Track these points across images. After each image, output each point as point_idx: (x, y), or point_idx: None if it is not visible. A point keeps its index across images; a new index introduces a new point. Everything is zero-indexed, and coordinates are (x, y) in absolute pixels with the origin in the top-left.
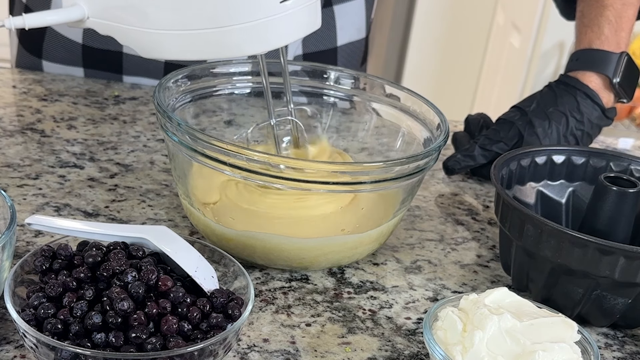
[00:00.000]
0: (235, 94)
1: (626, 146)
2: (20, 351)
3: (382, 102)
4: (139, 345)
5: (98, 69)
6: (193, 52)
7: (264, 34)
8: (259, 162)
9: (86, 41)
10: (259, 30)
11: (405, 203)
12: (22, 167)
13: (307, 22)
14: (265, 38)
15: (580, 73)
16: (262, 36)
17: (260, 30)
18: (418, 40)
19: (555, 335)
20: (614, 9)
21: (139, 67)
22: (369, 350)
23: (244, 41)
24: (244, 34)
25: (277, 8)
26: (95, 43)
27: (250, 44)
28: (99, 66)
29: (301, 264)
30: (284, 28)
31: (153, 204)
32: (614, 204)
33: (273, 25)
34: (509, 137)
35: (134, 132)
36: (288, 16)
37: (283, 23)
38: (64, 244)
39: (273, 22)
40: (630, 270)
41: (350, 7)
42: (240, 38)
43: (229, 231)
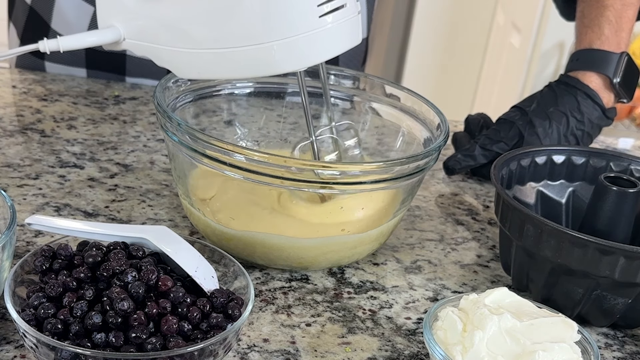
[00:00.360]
0: (235, 94)
1: (626, 146)
2: (20, 351)
3: (382, 102)
4: (139, 345)
5: (101, 70)
6: (231, 70)
7: (302, 49)
8: (259, 162)
9: None
10: (297, 46)
11: (405, 203)
12: (22, 167)
13: (348, 37)
14: (304, 54)
15: (580, 73)
16: (300, 52)
17: (299, 46)
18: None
19: (555, 335)
20: (614, 9)
21: (142, 69)
22: (369, 350)
23: (282, 57)
24: (282, 50)
25: (316, 23)
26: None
27: (289, 61)
28: (101, 67)
29: (301, 264)
30: (323, 43)
31: (153, 204)
32: (614, 204)
33: (312, 41)
34: (510, 137)
35: (134, 132)
36: (327, 31)
37: (322, 38)
38: (64, 244)
39: (312, 37)
40: (630, 270)
41: None
42: (278, 54)
43: (229, 231)
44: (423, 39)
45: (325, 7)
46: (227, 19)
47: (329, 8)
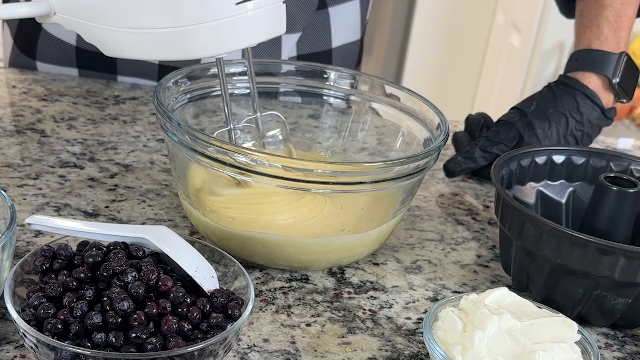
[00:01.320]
0: (235, 94)
1: (626, 146)
2: (20, 351)
3: (382, 102)
4: (139, 345)
5: (92, 69)
6: (150, 52)
7: (220, 36)
8: (260, 162)
9: (80, 43)
10: (214, 32)
11: (405, 203)
12: (22, 167)
13: (269, 26)
14: (222, 41)
15: (579, 74)
16: (218, 38)
17: (216, 32)
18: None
19: (555, 335)
20: (613, 8)
21: (134, 69)
22: (369, 350)
23: (200, 43)
24: (199, 35)
25: (233, 9)
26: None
27: (206, 46)
28: (93, 67)
29: (301, 264)
30: (241, 30)
31: (153, 204)
32: (614, 204)
33: (229, 27)
34: (509, 138)
35: (134, 132)
36: (246, 18)
37: (240, 25)
38: (64, 244)
39: (228, 24)
40: (630, 270)
41: (345, 9)
42: (196, 39)
43: (229, 231)
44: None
45: None
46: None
47: None
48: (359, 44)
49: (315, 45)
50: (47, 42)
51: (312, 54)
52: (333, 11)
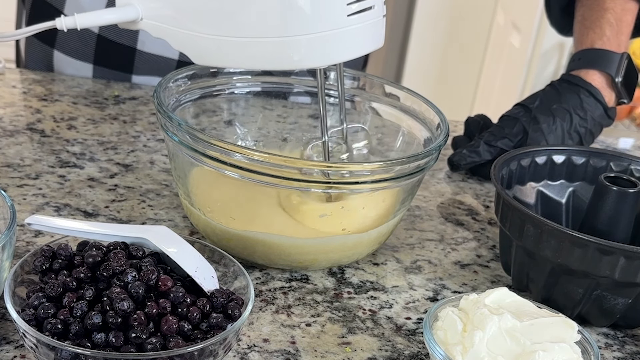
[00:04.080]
0: (235, 94)
1: (626, 146)
2: (20, 351)
3: (382, 101)
4: (139, 345)
5: (108, 65)
6: (250, 61)
7: (326, 47)
8: (260, 162)
9: (102, 31)
10: (321, 43)
11: (405, 203)
12: (22, 167)
13: (371, 39)
14: (327, 52)
15: (583, 71)
16: (324, 49)
17: (324, 43)
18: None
19: (555, 335)
20: (614, 12)
21: (151, 66)
22: (369, 350)
23: (305, 53)
24: (306, 45)
25: (344, 21)
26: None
27: (310, 57)
28: (108, 63)
29: (301, 263)
30: (347, 43)
31: (153, 204)
32: (614, 204)
33: (337, 39)
34: (514, 133)
35: (134, 132)
36: (353, 31)
37: (347, 37)
38: (64, 244)
39: (337, 35)
40: (630, 270)
41: None
42: (302, 50)
43: (229, 231)
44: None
45: (354, 6)
46: (253, 8)
47: (357, 8)
48: None
49: None
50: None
51: None
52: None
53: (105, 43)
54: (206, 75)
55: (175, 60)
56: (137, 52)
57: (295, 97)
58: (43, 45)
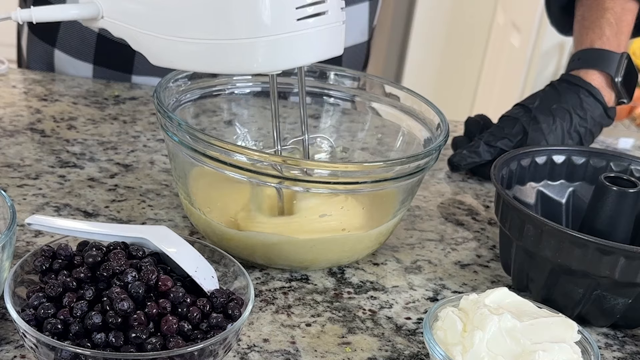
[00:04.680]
0: (235, 94)
1: (626, 146)
2: (20, 351)
3: (382, 101)
4: (139, 345)
5: (108, 66)
6: (202, 64)
7: (276, 52)
8: (260, 162)
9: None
10: (270, 48)
11: (405, 203)
12: (22, 167)
13: (327, 45)
14: (277, 57)
15: (582, 71)
16: (273, 54)
17: (272, 47)
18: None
19: (555, 335)
20: (614, 12)
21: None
22: (369, 350)
23: (254, 58)
24: (255, 50)
25: (294, 25)
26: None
27: (261, 62)
28: (109, 63)
29: (301, 263)
30: (300, 48)
31: (153, 204)
32: (614, 204)
33: (287, 44)
34: (513, 133)
35: (134, 132)
36: (306, 36)
37: (298, 43)
38: (64, 244)
39: (286, 40)
40: (630, 270)
41: (356, 11)
42: (251, 54)
43: (229, 231)
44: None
45: (303, 10)
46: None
47: (308, 12)
48: (367, 46)
49: None
50: (70, 28)
51: None
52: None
53: (105, 42)
54: (206, 75)
55: None
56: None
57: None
58: (44, 44)
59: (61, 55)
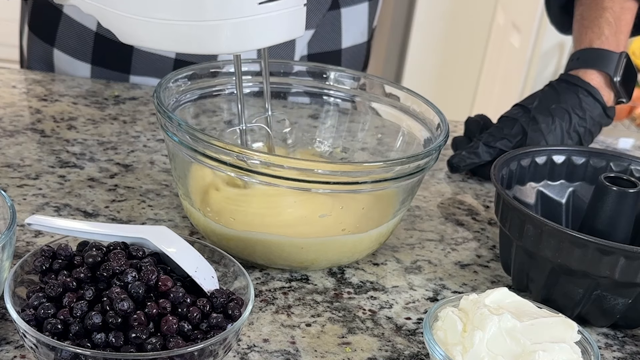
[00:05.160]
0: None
1: (626, 146)
2: (20, 351)
3: (382, 102)
4: (139, 346)
5: (106, 66)
6: (167, 44)
7: (239, 34)
8: (260, 162)
9: (100, 29)
10: (233, 30)
11: (405, 203)
12: (22, 167)
13: (287, 28)
14: (241, 39)
15: (581, 71)
16: (237, 36)
17: (235, 30)
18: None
19: (555, 335)
20: (613, 11)
21: (148, 66)
22: (369, 350)
23: (219, 39)
24: (219, 31)
25: (255, 9)
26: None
27: (226, 43)
28: (107, 62)
29: (301, 263)
30: (261, 30)
31: (153, 204)
32: (614, 204)
33: (249, 27)
34: (513, 134)
35: (134, 132)
36: (268, 18)
37: (260, 25)
38: (64, 244)
39: (249, 23)
40: (630, 271)
41: (356, 11)
42: (216, 35)
43: (229, 231)
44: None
45: None
46: None
47: None
48: (366, 46)
49: (325, 45)
50: (68, 27)
51: (322, 53)
52: (345, 12)
53: (103, 41)
54: (206, 75)
55: (173, 58)
56: (135, 50)
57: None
58: (44, 44)
59: (60, 54)
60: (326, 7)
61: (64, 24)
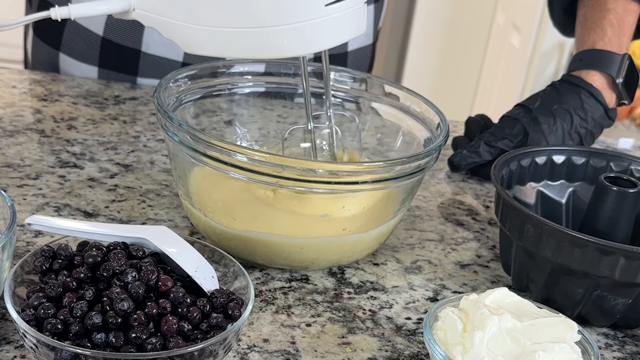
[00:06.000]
0: (235, 94)
1: (626, 146)
2: (20, 351)
3: (382, 101)
4: (139, 346)
5: (113, 69)
6: (235, 50)
7: (307, 36)
8: (261, 162)
9: (106, 34)
10: (302, 32)
11: (405, 203)
12: (22, 167)
13: (351, 26)
14: (308, 40)
15: (584, 72)
16: (304, 38)
17: (304, 32)
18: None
19: (555, 335)
20: (616, 12)
21: (156, 68)
22: (369, 350)
23: (286, 42)
24: (287, 35)
25: (322, 11)
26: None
27: (293, 46)
28: (114, 66)
29: (302, 263)
30: (327, 31)
31: (153, 204)
32: (614, 204)
33: (317, 28)
34: (514, 133)
35: (134, 132)
36: (333, 20)
37: (327, 26)
38: (64, 244)
39: (317, 24)
40: (630, 271)
41: None
42: (283, 39)
43: (229, 231)
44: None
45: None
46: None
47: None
48: (372, 48)
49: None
50: (74, 32)
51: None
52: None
53: (109, 46)
54: (206, 75)
55: (180, 62)
56: (142, 54)
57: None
58: (49, 48)
59: (66, 58)
60: None
61: (69, 29)
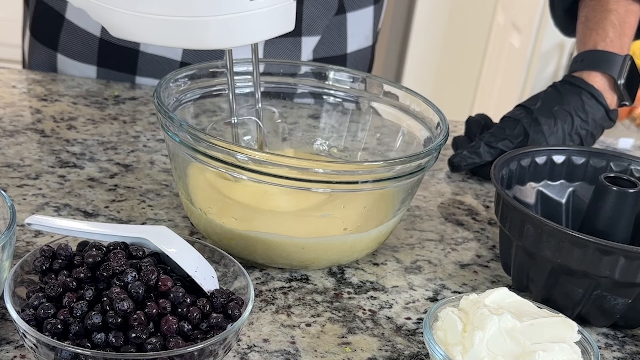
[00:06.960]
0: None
1: (626, 146)
2: (20, 351)
3: (382, 101)
4: (139, 345)
5: (112, 68)
6: (159, 38)
7: (231, 29)
8: (261, 162)
9: (104, 34)
10: (226, 25)
11: (405, 202)
12: (22, 167)
13: (278, 23)
14: (233, 34)
15: (585, 73)
16: (229, 31)
17: (228, 25)
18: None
19: (555, 335)
20: (618, 13)
21: (154, 67)
22: (369, 350)
23: (212, 34)
24: (212, 26)
25: (247, 5)
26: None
27: (218, 38)
28: (113, 65)
29: (302, 263)
30: (253, 26)
31: (153, 204)
32: (614, 204)
33: (242, 22)
34: (514, 134)
35: (134, 132)
36: (258, 15)
37: (252, 21)
38: (64, 244)
39: (242, 18)
40: (630, 271)
41: (360, 16)
42: (208, 30)
43: (230, 231)
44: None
45: None
46: None
47: None
48: (371, 50)
49: (331, 50)
50: (71, 33)
51: (328, 58)
52: (350, 17)
53: (107, 46)
54: (206, 75)
55: (178, 61)
56: (140, 53)
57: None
58: (46, 49)
59: (64, 59)
60: (332, 12)
61: (66, 30)
